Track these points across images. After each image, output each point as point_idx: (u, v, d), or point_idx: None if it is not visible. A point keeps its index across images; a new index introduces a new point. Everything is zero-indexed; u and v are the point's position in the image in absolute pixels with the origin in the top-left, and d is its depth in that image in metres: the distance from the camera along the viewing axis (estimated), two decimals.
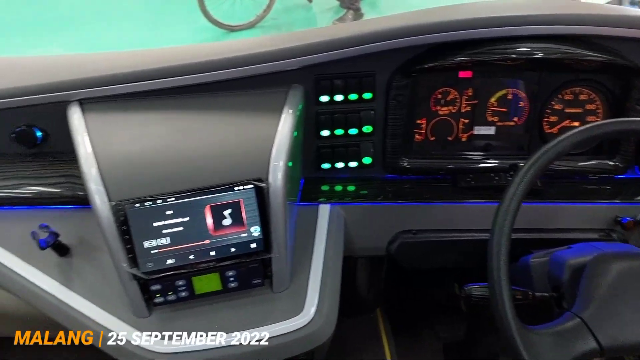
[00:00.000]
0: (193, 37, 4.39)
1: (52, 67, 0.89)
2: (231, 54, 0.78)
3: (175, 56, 0.84)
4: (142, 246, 0.71)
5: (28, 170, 0.83)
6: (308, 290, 0.78)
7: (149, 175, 0.72)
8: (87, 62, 0.90)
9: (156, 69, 0.78)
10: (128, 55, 0.90)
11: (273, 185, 0.72)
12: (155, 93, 0.79)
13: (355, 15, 4.37)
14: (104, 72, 0.79)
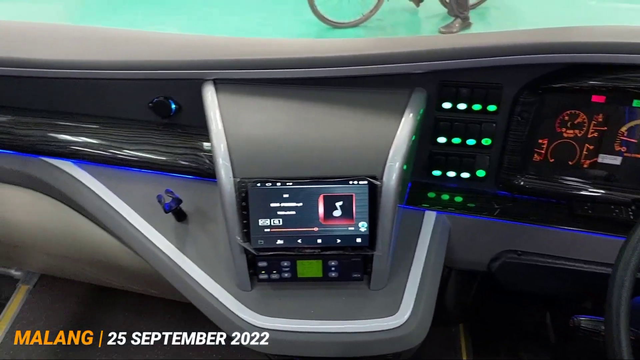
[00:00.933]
0: (297, 29, 4.50)
1: (188, 46, 0.95)
2: (362, 52, 0.80)
3: (303, 48, 0.87)
4: (256, 223, 0.75)
5: (159, 139, 0.90)
6: (405, 293, 0.79)
7: (271, 158, 0.76)
8: (221, 44, 0.96)
9: (289, 59, 0.81)
10: (260, 42, 0.95)
11: (386, 184, 0.73)
12: (283, 82, 0.83)
13: (463, 25, 4.26)
14: (240, 57, 0.84)
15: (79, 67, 0.87)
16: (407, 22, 4.82)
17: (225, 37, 1.01)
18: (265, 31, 4.42)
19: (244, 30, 4.37)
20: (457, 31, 4.24)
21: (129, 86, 0.88)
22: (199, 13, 4.85)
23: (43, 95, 0.92)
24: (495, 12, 4.81)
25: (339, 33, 4.40)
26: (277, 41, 0.93)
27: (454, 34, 4.15)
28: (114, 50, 0.92)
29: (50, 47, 0.93)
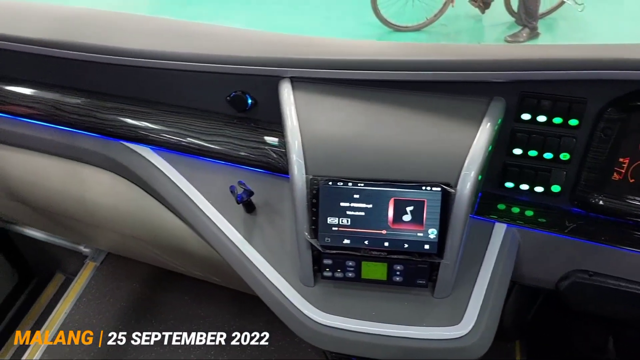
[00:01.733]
0: (359, 30, 4.50)
1: (265, 43, 0.97)
2: (443, 58, 0.79)
3: (381, 51, 0.87)
4: (325, 221, 0.76)
5: (234, 132, 0.92)
6: (469, 303, 0.78)
7: (344, 158, 0.76)
8: (298, 43, 0.97)
9: (368, 61, 0.82)
10: (336, 42, 0.96)
11: (460, 193, 0.72)
12: (360, 83, 0.84)
13: (531, 35, 4.14)
14: (318, 56, 0.85)
15: (163, 58, 0.91)
16: (471, 29, 4.73)
17: (301, 35, 1.02)
18: (327, 31, 4.45)
19: (306, 29, 4.42)
20: (524, 41, 4.13)
21: (209, 79, 0.91)
22: (262, 10, 4.94)
23: (126, 83, 0.96)
24: (563, 24, 4.64)
25: (401, 37, 4.37)
26: (354, 42, 0.94)
27: (522, 43, 4.05)
28: (195, 43, 0.95)
29: (136, 37, 0.97)
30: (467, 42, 4.18)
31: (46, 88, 1.01)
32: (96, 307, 1.49)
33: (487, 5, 4.42)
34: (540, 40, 4.25)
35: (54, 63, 0.97)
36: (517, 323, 1.22)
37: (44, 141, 1.01)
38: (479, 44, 0.91)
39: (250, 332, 1.20)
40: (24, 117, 1.02)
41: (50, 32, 0.97)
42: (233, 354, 1.36)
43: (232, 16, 4.72)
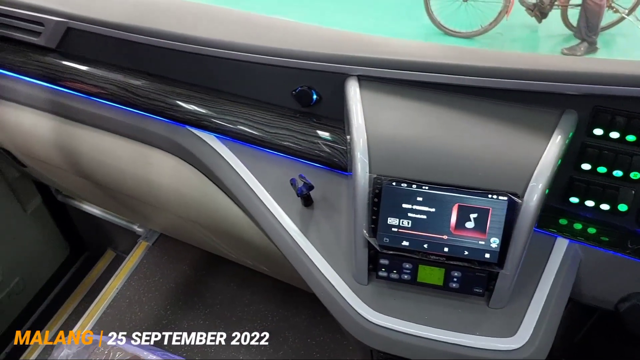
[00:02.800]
0: (410, 31, 4.47)
1: (332, 40, 0.98)
2: (517, 66, 0.78)
3: (451, 54, 0.87)
4: (385, 221, 0.76)
5: (297, 126, 0.94)
6: (525, 316, 0.76)
7: (409, 159, 0.76)
8: (365, 41, 0.98)
9: (439, 64, 0.82)
10: (405, 43, 0.95)
11: (527, 204, 0.71)
12: (428, 85, 0.83)
13: (589, 49, 4.01)
14: (387, 56, 0.85)
15: (234, 49, 0.93)
16: (525, 39, 4.62)
17: (369, 34, 1.03)
18: (379, 32, 4.43)
19: (358, 29, 4.41)
20: (581, 54, 4.01)
21: (277, 72, 0.92)
22: (315, 7, 4.97)
23: (197, 71, 0.99)
24: (621, 40, 4.47)
25: (453, 41, 4.31)
26: (424, 44, 0.94)
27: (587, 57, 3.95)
28: (265, 36, 0.96)
29: (208, 26, 0.99)
30: (522, 52, 4.09)
31: (120, 71, 1.05)
32: (146, 285, 1.54)
33: (545, 15, 4.31)
34: (598, 55, 4.12)
35: (129, 47, 1.01)
36: (566, 341, 1.19)
37: (115, 122, 1.05)
38: (554, 55, 0.89)
39: (293, 325, 1.21)
40: (97, 97, 1.07)
41: (128, 17, 1.00)
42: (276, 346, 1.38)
43: (284, 12, 4.76)
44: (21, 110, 1.18)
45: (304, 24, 1.07)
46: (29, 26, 1.09)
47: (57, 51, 1.10)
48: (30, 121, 1.17)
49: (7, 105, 1.19)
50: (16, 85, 1.16)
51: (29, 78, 1.14)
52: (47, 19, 1.06)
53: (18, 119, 1.19)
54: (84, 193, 1.51)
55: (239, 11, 1.10)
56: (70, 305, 1.74)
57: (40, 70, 1.11)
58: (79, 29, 1.04)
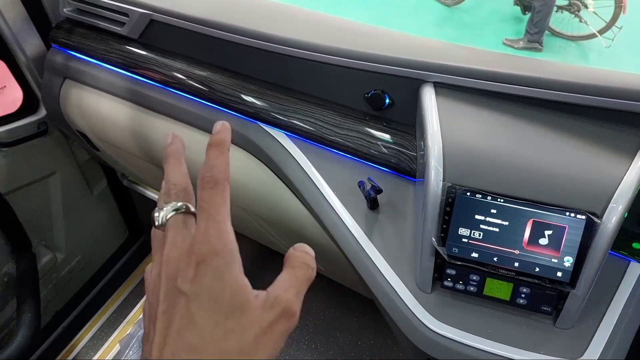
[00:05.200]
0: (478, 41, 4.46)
1: (406, 45, 0.98)
2: (599, 83, 0.76)
3: (530, 67, 0.85)
4: (456, 231, 0.76)
5: (367, 129, 0.94)
6: (593, 339, 0.74)
7: (485, 170, 0.75)
8: (440, 48, 0.97)
9: (518, 76, 0.80)
10: (483, 52, 0.94)
11: (605, 225, 0.69)
12: (505, 97, 0.82)
13: (530, 45, 4.09)
14: (466, 65, 0.84)
15: (310, 49, 0.94)
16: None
17: (444, 41, 1.02)
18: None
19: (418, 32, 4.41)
20: (520, 48, 4.08)
21: (351, 75, 0.93)
22: (377, 10, 4.97)
23: (271, 68, 1.01)
24: (577, 51, 4.36)
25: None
26: (502, 55, 0.92)
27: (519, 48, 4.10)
28: (341, 38, 0.97)
29: (285, 26, 1.01)
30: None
31: (197, 64, 1.08)
32: None
33: (527, 8, 4.29)
34: (539, 56, 4.07)
35: (207, 41, 1.04)
36: None
37: (188, 113, 1.09)
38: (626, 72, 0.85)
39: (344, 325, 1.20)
40: (173, 88, 1.11)
41: (208, 12, 1.04)
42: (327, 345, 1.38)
43: (345, 14, 4.78)
44: (101, 96, 1.23)
45: (380, 28, 1.07)
46: (114, 16, 1.15)
47: (138, 42, 1.15)
48: (109, 107, 1.22)
49: (88, 90, 1.25)
50: (98, 72, 1.21)
51: (110, 66, 1.19)
52: (133, 10, 1.11)
53: (97, 104, 1.24)
54: (150, 179, 1.57)
55: (314, 12, 1.12)
56: (127, 287, 1.80)
57: (121, 59, 1.16)
58: (161, 22, 1.08)
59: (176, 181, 0.41)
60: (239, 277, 0.36)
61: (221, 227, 0.36)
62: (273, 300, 0.36)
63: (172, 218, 0.38)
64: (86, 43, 1.22)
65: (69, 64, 1.25)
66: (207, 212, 0.37)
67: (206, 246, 0.35)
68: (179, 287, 0.35)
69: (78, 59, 1.24)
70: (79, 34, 1.23)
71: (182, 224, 0.38)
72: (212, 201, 0.37)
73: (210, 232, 0.36)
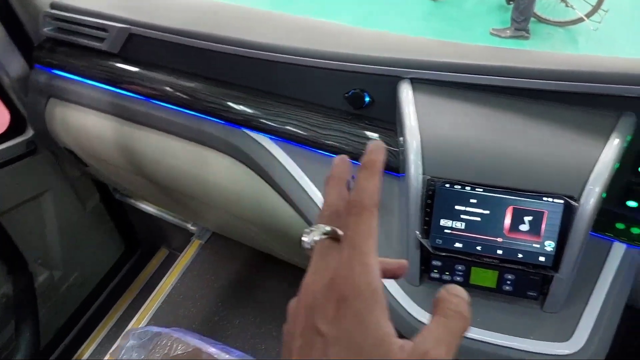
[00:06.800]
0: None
1: (384, 43, 0.99)
2: (571, 68, 0.78)
3: (504, 57, 0.86)
4: (438, 223, 0.77)
5: (350, 128, 0.95)
6: (580, 321, 0.76)
7: (463, 161, 0.77)
8: (416, 44, 0.98)
9: (492, 67, 0.81)
10: (456, 45, 0.96)
11: (583, 208, 0.71)
12: (480, 88, 0.83)
13: (517, 33, 4.11)
14: (440, 59, 0.86)
15: (289, 53, 0.95)
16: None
17: (420, 37, 1.04)
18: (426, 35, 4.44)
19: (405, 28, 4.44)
20: (507, 37, 4.10)
21: (330, 76, 0.94)
22: (361, 9, 5.00)
23: (252, 74, 1.03)
24: (564, 36, 4.39)
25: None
26: (476, 47, 0.94)
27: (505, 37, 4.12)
28: (318, 40, 0.99)
29: (263, 31, 1.02)
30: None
31: (179, 74, 1.10)
32: (200, 282, 1.60)
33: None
34: (528, 43, 4.12)
35: (188, 51, 1.06)
36: (622, 349, 1.15)
37: (174, 123, 1.10)
38: (611, 56, 0.87)
39: None
40: (157, 100, 1.12)
41: (187, 23, 1.05)
42: None
43: (331, 16, 4.81)
44: (85, 112, 1.25)
45: (357, 28, 1.09)
46: (94, 32, 1.16)
47: (119, 56, 1.16)
48: (94, 123, 1.24)
49: (73, 107, 1.26)
50: (81, 89, 1.22)
51: (93, 82, 1.21)
52: (111, 25, 1.12)
53: (82, 120, 1.26)
54: (142, 192, 1.58)
55: (292, 15, 1.13)
56: (126, 300, 1.81)
57: (103, 75, 1.17)
58: (140, 35, 1.10)
59: (330, 203, 0.39)
60: (382, 322, 0.32)
61: (365, 260, 0.33)
62: (421, 356, 0.31)
63: (319, 242, 0.36)
64: (68, 61, 1.23)
65: (52, 82, 1.26)
66: (351, 241, 0.34)
67: (348, 283, 0.32)
68: (317, 326, 0.32)
69: (61, 77, 1.26)
70: (61, 52, 1.24)
71: (326, 250, 0.36)
72: (358, 229, 0.34)
73: (353, 266, 0.33)
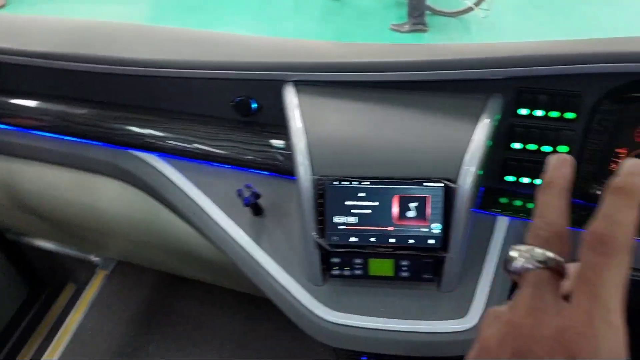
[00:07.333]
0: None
1: (268, 48, 0.99)
2: (441, 57, 0.82)
3: (382, 52, 0.90)
4: (331, 220, 0.78)
5: (239, 136, 0.94)
6: (475, 297, 0.79)
7: (349, 158, 0.78)
8: (300, 47, 0.99)
9: (369, 63, 0.84)
10: (338, 45, 0.98)
11: (462, 188, 0.74)
12: (362, 84, 0.86)
13: (415, 27, 4.30)
14: (320, 60, 0.87)
15: (168, 66, 0.93)
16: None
17: (302, 40, 1.05)
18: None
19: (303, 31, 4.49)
20: (406, 31, 4.29)
21: (214, 85, 0.93)
22: (257, 14, 5.00)
23: (132, 92, 0.99)
24: (460, 25, 4.72)
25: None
26: (355, 45, 0.96)
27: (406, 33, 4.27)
28: (199, 50, 0.97)
29: (140, 46, 0.99)
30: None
31: (54, 100, 1.03)
32: (109, 315, 1.51)
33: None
34: (427, 36, 4.37)
35: (60, 75, 1.00)
36: None
37: (53, 152, 1.03)
38: (476, 43, 0.93)
39: (261, 335, 1.21)
40: (33, 130, 1.05)
41: (55, 44, 0.99)
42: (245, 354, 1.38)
43: (234, 23, 4.76)
44: None
45: (239, 35, 1.08)
46: None
47: None
48: None
49: None
50: None
51: None
52: None
53: None
54: (35, 229, 1.47)
55: (170, 28, 1.10)
56: (34, 343, 1.68)
57: None
58: (6, 62, 1.02)
59: (551, 221, 0.31)
60: None
61: (612, 319, 0.26)
62: None
63: (534, 273, 0.29)
64: None
65: None
66: (594, 290, 0.27)
67: (586, 343, 0.26)
68: None
69: None
70: None
71: (545, 286, 0.29)
72: (605, 276, 0.27)
73: (595, 324, 0.26)
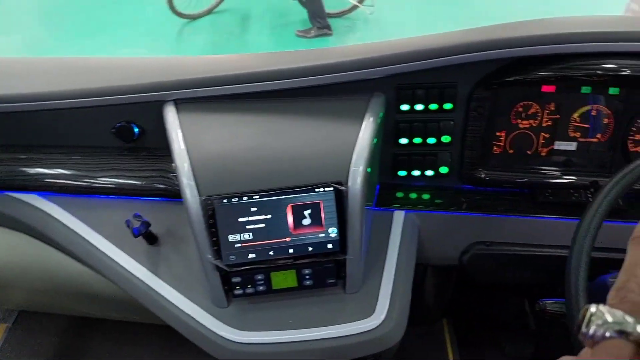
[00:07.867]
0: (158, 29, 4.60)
1: (148, 69, 0.96)
2: (318, 62, 0.82)
3: (261, 62, 0.89)
4: (226, 240, 0.76)
5: (125, 163, 0.90)
6: (380, 294, 0.80)
7: (236, 173, 0.76)
8: (180, 64, 0.97)
9: (245, 74, 0.83)
10: (218, 59, 0.96)
11: (352, 189, 0.75)
12: (243, 96, 0.84)
13: (320, 32, 4.35)
14: (197, 75, 0.84)
15: (38, 99, 0.87)
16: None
17: (184, 56, 1.02)
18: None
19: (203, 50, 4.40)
20: (312, 37, 4.34)
21: (91, 113, 0.88)
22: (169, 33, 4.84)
23: (3, 130, 0.91)
24: (359, 25, 4.85)
25: (195, 25, 4.51)
26: (235, 57, 0.95)
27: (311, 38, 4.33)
28: (75, 79, 0.91)
29: (6, 81, 0.92)
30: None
31: None
32: None
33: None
34: (332, 39, 4.43)
35: None
36: (440, 303, 1.27)
37: None
38: (354, 45, 0.94)
39: None
40: None
41: None
42: None
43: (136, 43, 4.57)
44: None
45: (117, 58, 1.04)
46: None
47: None
48: None
49: None
50: None
51: None
52: None
53: None
54: None
55: (44, 58, 1.04)
56: None
57: None
58: None
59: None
60: None
61: None
62: None
63: (606, 344, 0.25)
64: None
65: None
66: None
67: None
68: None
69: None
70: None
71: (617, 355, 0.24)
72: None
73: None
